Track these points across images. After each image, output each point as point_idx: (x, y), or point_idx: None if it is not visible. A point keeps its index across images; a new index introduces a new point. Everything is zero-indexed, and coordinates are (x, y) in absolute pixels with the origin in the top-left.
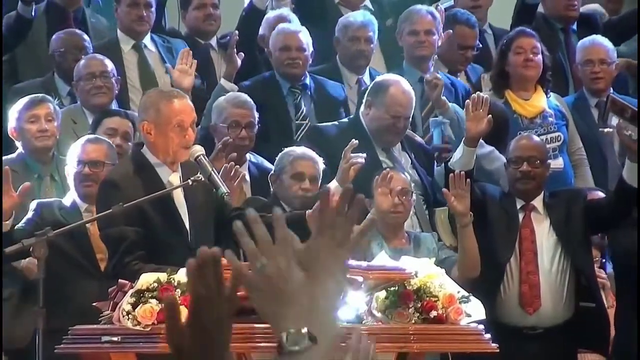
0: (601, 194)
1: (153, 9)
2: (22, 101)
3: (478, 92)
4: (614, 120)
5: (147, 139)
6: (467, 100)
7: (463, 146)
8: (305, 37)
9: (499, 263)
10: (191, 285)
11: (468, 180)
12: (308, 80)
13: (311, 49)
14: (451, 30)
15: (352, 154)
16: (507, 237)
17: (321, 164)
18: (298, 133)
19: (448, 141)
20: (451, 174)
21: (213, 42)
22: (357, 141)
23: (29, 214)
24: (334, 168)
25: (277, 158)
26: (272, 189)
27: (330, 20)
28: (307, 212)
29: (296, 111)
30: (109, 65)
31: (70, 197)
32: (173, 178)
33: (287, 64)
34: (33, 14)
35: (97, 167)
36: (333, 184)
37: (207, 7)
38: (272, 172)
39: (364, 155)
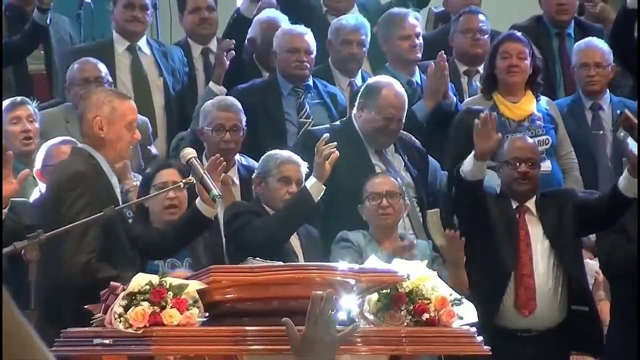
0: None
1: (149, 12)
2: (3, 104)
3: (486, 111)
4: (621, 133)
5: (97, 134)
6: (476, 120)
7: (473, 159)
8: (311, 40)
9: (505, 272)
10: None
11: (462, 239)
12: (311, 81)
13: (315, 52)
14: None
15: (324, 146)
16: (509, 245)
17: (304, 168)
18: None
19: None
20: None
21: (212, 45)
22: (327, 134)
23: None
24: None
25: (261, 160)
26: (254, 192)
27: (316, 28)
28: None
29: (299, 110)
30: (103, 70)
31: (37, 194)
32: (115, 180)
33: (295, 66)
34: (48, 21)
35: None
36: (311, 181)
37: (202, 10)
38: (256, 174)
39: (335, 143)
